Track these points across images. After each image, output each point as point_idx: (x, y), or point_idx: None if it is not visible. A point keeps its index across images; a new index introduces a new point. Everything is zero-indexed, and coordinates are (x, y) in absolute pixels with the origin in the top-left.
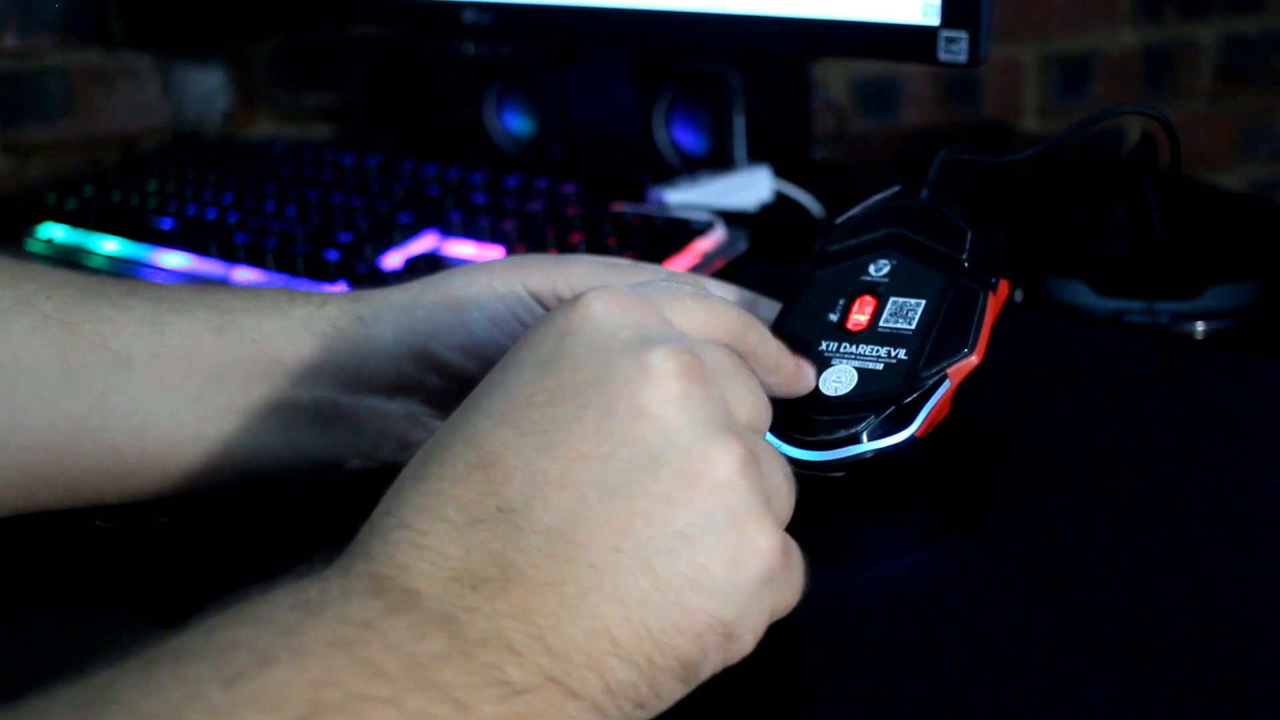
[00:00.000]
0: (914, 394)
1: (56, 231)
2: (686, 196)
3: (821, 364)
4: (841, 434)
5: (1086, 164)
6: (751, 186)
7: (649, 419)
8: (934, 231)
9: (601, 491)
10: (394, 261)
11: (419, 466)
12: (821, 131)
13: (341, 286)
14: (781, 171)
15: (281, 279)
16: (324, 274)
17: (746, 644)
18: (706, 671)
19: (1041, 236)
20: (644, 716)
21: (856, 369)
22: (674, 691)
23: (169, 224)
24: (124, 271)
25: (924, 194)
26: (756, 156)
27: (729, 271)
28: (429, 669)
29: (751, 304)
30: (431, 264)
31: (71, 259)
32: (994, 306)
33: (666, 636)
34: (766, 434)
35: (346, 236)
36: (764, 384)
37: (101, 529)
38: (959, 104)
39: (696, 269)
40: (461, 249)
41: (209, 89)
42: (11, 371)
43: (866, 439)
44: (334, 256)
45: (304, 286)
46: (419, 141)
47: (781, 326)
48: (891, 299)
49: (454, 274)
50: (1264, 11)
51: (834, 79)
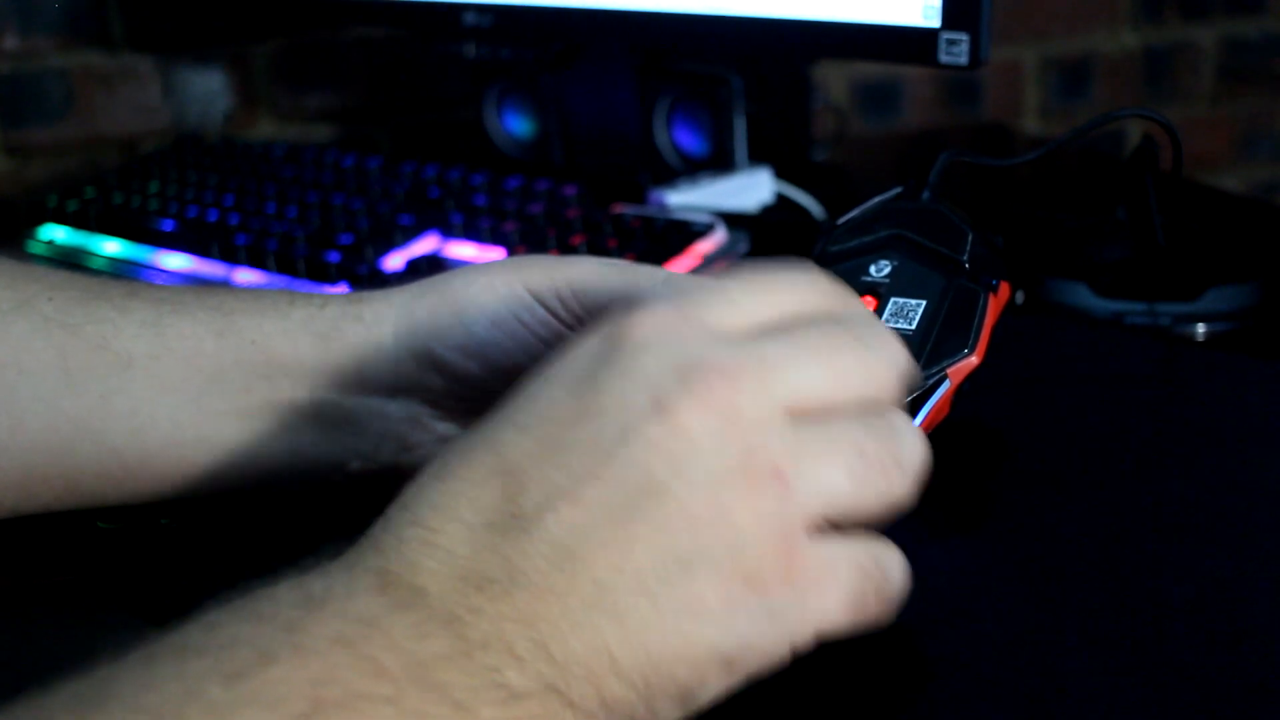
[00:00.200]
0: (914, 393)
1: (58, 233)
2: (687, 198)
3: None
4: None
5: (1087, 166)
6: (752, 188)
7: (658, 451)
8: (935, 233)
9: (607, 512)
10: (395, 263)
11: (440, 466)
12: (822, 133)
13: (343, 288)
14: (782, 173)
15: (283, 281)
16: (325, 275)
17: (752, 673)
18: (706, 697)
19: (1042, 238)
20: None
21: None
22: (671, 714)
23: (170, 225)
24: (125, 273)
25: (925, 196)
26: (757, 158)
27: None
28: (430, 669)
29: None
30: (432, 266)
31: (73, 260)
32: (994, 308)
33: (665, 662)
34: None
35: (347, 238)
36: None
37: (102, 530)
38: (959, 106)
39: (697, 271)
40: (462, 251)
41: (210, 90)
42: (12, 373)
43: None
44: (335, 258)
45: (305, 288)
46: (420, 143)
47: None
48: (892, 300)
49: (454, 275)
50: (1264, 13)
51: (834, 81)
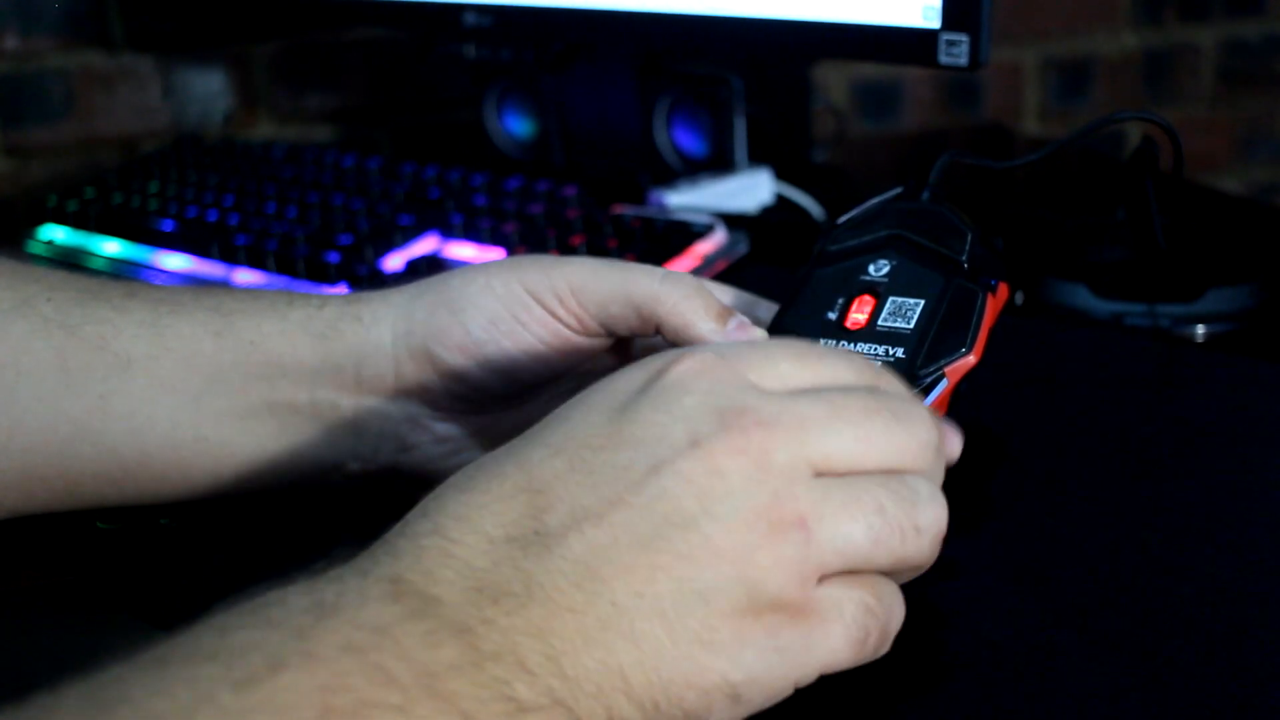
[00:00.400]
0: (911, 392)
1: (57, 233)
2: (687, 199)
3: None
4: None
5: (1087, 167)
6: (752, 189)
7: (690, 485)
8: (935, 233)
9: (633, 538)
10: (395, 264)
11: (466, 478)
12: (822, 134)
13: (342, 288)
14: (782, 174)
15: (282, 281)
16: (325, 276)
17: (755, 705)
18: None
19: (1042, 239)
20: None
21: None
22: None
23: (170, 226)
24: (125, 273)
25: (925, 196)
26: (757, 159)
27: (729, 274)
28: (440, 678)
29: (751, 306)
30: (432, 266)
31: (72, 261)
32: (993, 308)
33: (675, 688)
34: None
35: (347, 239)
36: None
37: (102, 530)
38: (959, 107)
39: (697, 271)
40: (462, 251)
41: (210, 91)
42: (11, 373)
43: None
44: (335, 258)
45: (305, 289)
46: (420, 144)
47: (780, 324)
48: (891, 298)
49: (452, 275)
50: (1264, 15)
51: (834, 82)
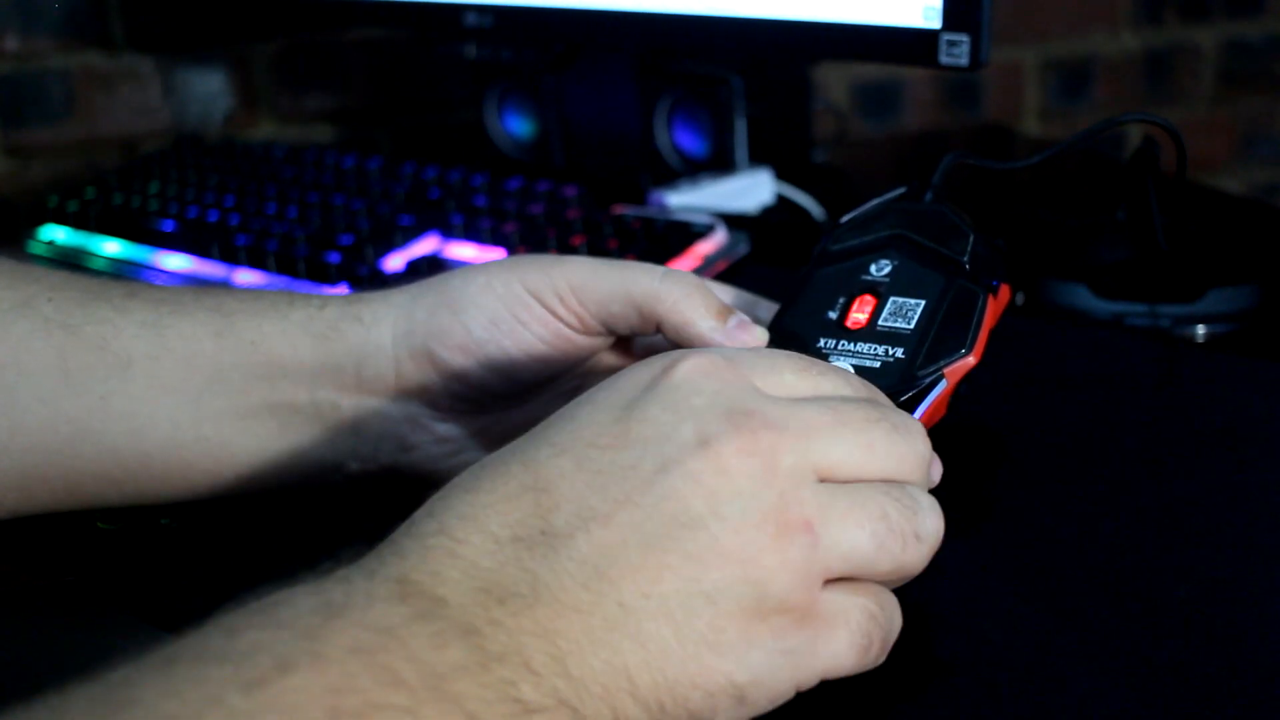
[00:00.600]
0: (910, 392)
1: (58, 233)
2: (687, 199)
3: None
4: None
5: (1088, 168)
6: (752, 189)
7: (698, 485)
8: (936, 233)
9: (640, 538)
10: (395, 264)
11: (472, 478)
12: (822, 134)
13: (343, 289)
14: (782, 174)
15: (283, 281)
16: (325, 276)
17: (759, 707)
18: None
19: (1043, 240)
20: None
21: (854, 366)
22: None
23: (170, 226)
24: (125, 274)
25: (928, 197)
26: (757, 159)
27: (730, 274)
28: (446, 680)
29: (751, 306)
30: (433, 266)
31: (73, 261)
32: (994, 309)
33: (681, 688)
34: None
35: (348, 239)
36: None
37: (103, 530)
38: (959, 107)
39: (698, 271)
40: (463, 251)
41: (210, 91)
42: (11, 374)
43: None
44: (335, 259)
45: (305, 289)
46: (420, 144)
47: (781, 323)
48: (891, 298)
49: (452, 275)
50: (1264, 15)
51: (834, 82)
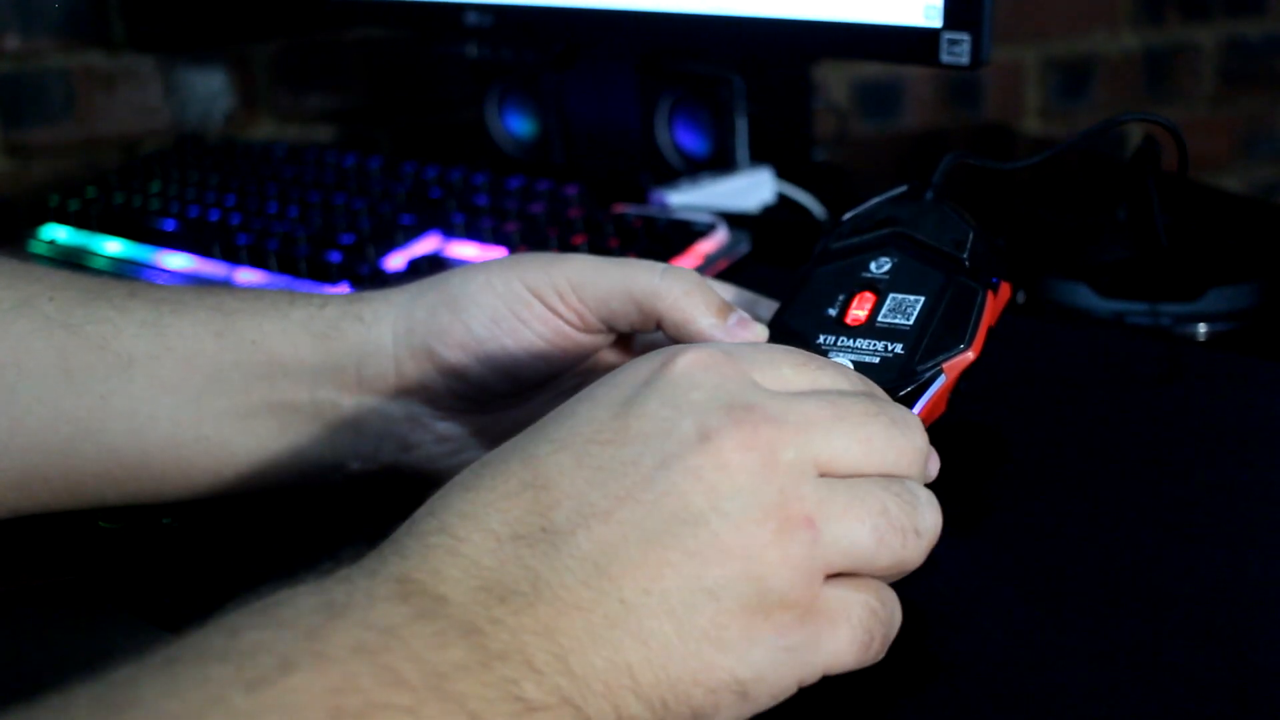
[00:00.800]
0: (909, 387)
1: (59, 233)
2: (688, 198)
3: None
4: None
5: (1088, 167)
6: (753, 188)
7: (699, 480)
8: (936, 231)
9: (641, 534)
10: (396, 263)
11: (472, 475)
12: (823, 133)
13: (344, 288)
14: (783, 173)
15: (284, 280)
16: (326, 275)
17: (761, 704)
18: None
19: (1043, 239)
20: None
21: (853, 362)
22: None
23: (171, 225)
24: (126, 273)
25: (929, 195)
26: (758, 158)
27: (731, 273)
28: (448, 679)
29: (751, 304)
30: (434, 265)
31: (74, 260)
32: (993, 306)
33: (683, 685)
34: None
35: (349, 238)
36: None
37: (104, 530)
38: (960, 106)
39: (699, 270)
40: (464, 251)
41: (211, 91)
42: (12, 373)
43: None
44: (336, 258)
45: (306, 288)
46: (421, 143)
47: (781, 321)
48: (891, 295)
49: (453, 274)
50: (1264, 14)
51: (835, 81)
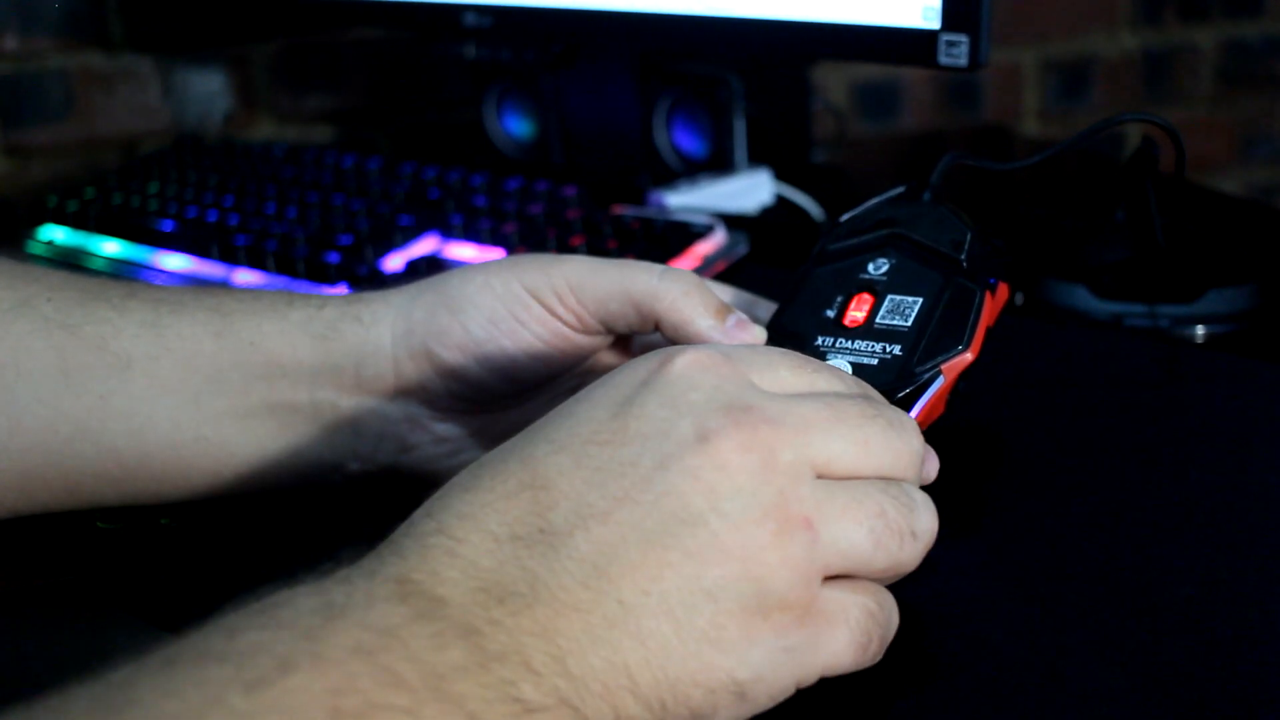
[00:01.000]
0: (908, 388)
1: (57, 233)
2: (687, 199)
3: (817, 359)
4: None
5: (1086, 168)
6: (752, 190)
7: (698, 481)
8: (934, 232)
9: (640, 535)
10: (395, 264)
11: (470, 476)
12: (821, 135)
13: (342, 289)
14: (782, 175)
15: (282, 281)
16: (325, 276)
17: (760, 705)
18: None
19: (1042, 240)
20: None
21: (851, 364)
22: None
23: (170, 226)
24: (125, 274)
25: (926, 196)
26: (757, 160)
27: (729, 274)
28: (447, 680)
29: (750, 305)
30: (432, 266)
31: (72, 261)
32: (992, 307)
33: (682, 685)
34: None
35: (347, 239)
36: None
37: (102, 530)
38: (959, 108)
39: (697, 272)
40: (462, 251)
41: (209, 91)
42: (11, 374)
43: None
44: (335, 259)
45: (305, 289)
46: (419, 144)
47: (779, 322)
48: (889, 296)
49: (451, 275)
50: (1263, 16)
51: (833, 82)
